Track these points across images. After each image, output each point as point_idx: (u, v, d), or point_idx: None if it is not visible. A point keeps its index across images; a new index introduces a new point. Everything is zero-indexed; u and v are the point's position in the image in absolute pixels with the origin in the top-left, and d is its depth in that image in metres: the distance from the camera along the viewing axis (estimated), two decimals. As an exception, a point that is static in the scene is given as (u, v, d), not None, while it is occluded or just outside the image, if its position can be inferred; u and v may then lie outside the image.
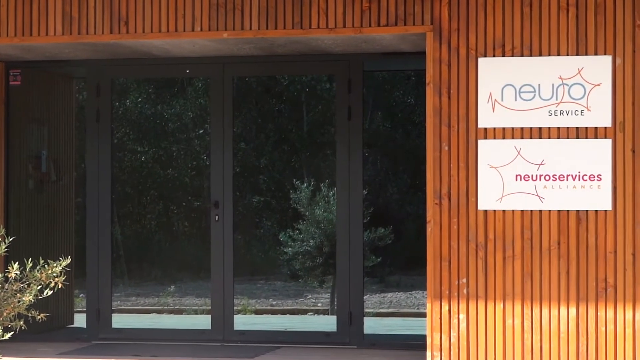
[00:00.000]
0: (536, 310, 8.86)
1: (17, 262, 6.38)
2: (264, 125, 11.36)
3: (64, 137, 11.92)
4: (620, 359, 8.70)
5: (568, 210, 8.88)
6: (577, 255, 8.82)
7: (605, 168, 8.80)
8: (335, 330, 10.76)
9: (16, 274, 6.38)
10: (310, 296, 11.14)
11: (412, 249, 9.65)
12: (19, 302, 6.48)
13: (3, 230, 6.66)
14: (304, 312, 11.11)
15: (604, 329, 8.74)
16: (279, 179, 11.21)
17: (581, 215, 8.85)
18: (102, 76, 11.47)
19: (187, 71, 11.55)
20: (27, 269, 6.39)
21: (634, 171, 8.75)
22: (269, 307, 11.20)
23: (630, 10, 8.85)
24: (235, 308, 11.05)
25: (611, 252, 8.76)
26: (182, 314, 11.54)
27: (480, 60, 9.06)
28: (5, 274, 6.41)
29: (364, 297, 10.60)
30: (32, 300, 6.44)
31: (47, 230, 11.18)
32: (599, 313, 8.75)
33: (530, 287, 8.88)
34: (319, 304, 11.01)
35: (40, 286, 6.46)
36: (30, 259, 6.36)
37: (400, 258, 10.65)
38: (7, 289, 6.46)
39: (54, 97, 11.84)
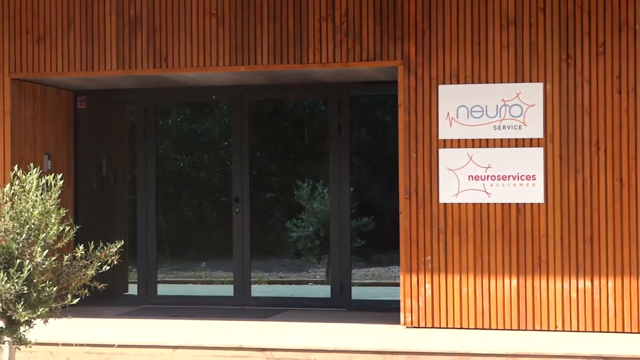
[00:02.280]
0: (485, 281, 8.91)
1: (82, 244, 6.47)
2: (273, 139, 11.57)
3: (119, 149, 11.92)
4: (551, 319, 8.75)
5: (510, 203, 8.92)
6: (517, 238, 8.88)
7: (538, 170, 8.84)
8: (329, 296, 10.83)
9: (81, 253, 6.45)
10: (310, 270, 11.31)
11: (389, 233, 9.75)
12: (84, 275, 6.52)
13: (71, 219, 6.70)
14: (306, 282, 11.27)
15: (538, 295, 8.79)
16: (285, 180, 11.40)
17: (520, 207, 8.90)
18: (148, 101, 11.46)
19: (214, 97, 11.53)
20: (90, 250, 6.49)
21: (561, 173, 8.80)
22: (278, 279, 11.34)
23: (557, 47, 8.84)
24: (252, 279, 11.06)
25: (544, 235, 8.82)
26: (211, 284, 11.61)
27: (440, 87, 9.10)
28: (73, 253, 6.46)
29: (352, 271, 10.69)
30: (94, 274, 6.53)
31: (106, 219, 11.20)
32: (534, 283, 8.80)
33: (480, 263, 8.92)
34: (317, 276, 11.17)
35: (100, 263, 6.53)
36: (92, 242, 6.51)
37: (380, 240, 10.79)
38: (74, 265, 6.51)
39: (111, 117, 11.87)
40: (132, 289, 11.53)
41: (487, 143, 8.94)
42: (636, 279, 8.48)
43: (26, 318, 6.23)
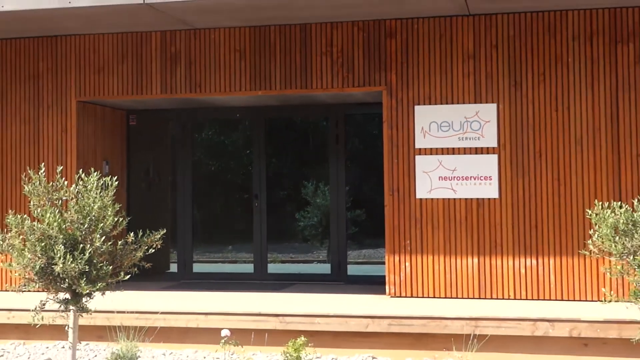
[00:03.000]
0: (452, 260, 8.97)
1: (132, 232, 6.59)
2: (285, 148, 11.61)
3: (163, 156, 11.88)
4: (505, 290, 8.80)
5: (471, 198, 8.97)
6: (477, 226, 8.94)
7: (493, 172, 8.90)
8: (329, 273, 10.77)
9: (132, 239, 6.58)
10: (314, 252, 11.31)
11: (376, 223, 9.73)
12: (134, 256, 6.62)
13: (124, 212, 6.89)
14: (311, 261, 11.34)
15: (495, 271, 8.86)
16: (294, 180, 11.45)
17: (479, 201, 8.95)
18: (186, 119, 11.46)
19: (237, 115, 11.42)
20: (139, 236, 6.60)
21: (511, 174, 8.88)
22: (289, 259, 11.39)
23: (507, 76, 8.92)
24: (268, 259, 11.03)
25: (498, 224, 8.89)
26: (236, 263, 11.68)
27: (416, 107, 9.16)
28: (125, 239, 6.59)
29: (347, 252, 10.65)
30: (142, 255, 6.61)
31: (152, 212, 11.13)
32: (491, 262, 8.86)
33: (448, 246, 8.98)
34: (320, 257, 11.19)
35: (147, 247, 6.62)
36: (140, 230, 6.62)
37: (369, 228, 10.78)
38: (126, 248, 6.60)
39: (156, 131, 11.80)
40: (173, 268, 11.50)
41: (453, 151, 8.99)
42: (572, 258, 8.56)
43: (87, 291, 6.31)
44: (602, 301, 5.68)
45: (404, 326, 7.58)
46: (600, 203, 5.76)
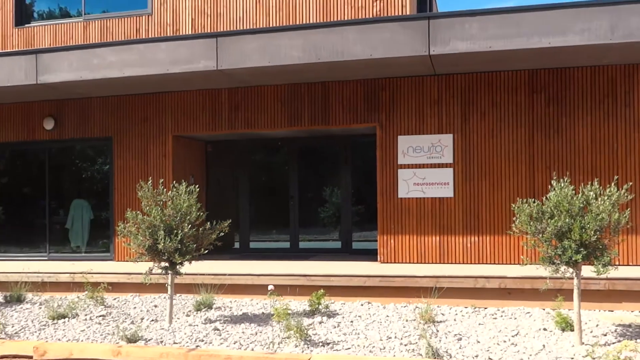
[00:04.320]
0: (422, 238, 9.06)
1: (209, 221, 6.70)
2: (311, 164, 11.48)
3: (229, 171, 11.65)
4: (457, 257, 8.91)
5: (435, 197, 9.08)
6: (439, 215, 9.05)
7: (450, 180, 9.02)
8: (340, 247, 10.80)
9: (209, 226, 6.68)
10: (330, 234, 11.14)
11: (371, 214, 9.75)
12: (210, 238, 6.73)
13: (204, 209, 6.86)
14: (328, 240, 11.14)
15: (452, 245, 8.97)
16: (317, 186, 11.30)
17: (441, 199, 9.06)
18: (244, 146, 11.47)
19: (279, 143, 11.47)
20: (214, 224, 6.71)
21: (462, 181, 8.98)
22: (313, 238, 11.20)
23: (459, 115, 9.02)
24: (299, 239, 11.07)
25: (453, 214, 9.01)
26: (277, 242, 11.47)
27: (399, 137, 9.26)
28: (204, 226, 6.65)
29: (352, 233, 10.74)
30: (216, 237, 6.74)
31: (223, 208, 10.74)
32: (448, 239, 8.98)
33: (420, 229, 9.07)
34: (334, 237, 11.04)
35: (219, 231, 6.72)
36: (215, 220, 6.74)
37: (367, 217, 10.55)
38: (205, 232, 6.70)
39: (225, 155, 11.70)
40: (236, 245, 11.39)
41: (423, 166, 9.07)
42: (501, 236, 8.66)
43: (179, 261, 6.54)
44: (520, 264, 5.78)
45: (389, 282, 7.71)
46: (520, 199, 5.84)
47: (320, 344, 5.73)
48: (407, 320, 6.60)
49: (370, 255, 9.83)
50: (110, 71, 8.93)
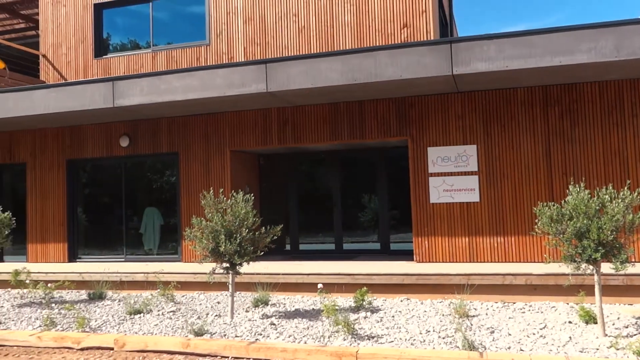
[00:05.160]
0: (453, 239, 8.85)
1: (264, 226, 6.66)
2: (351, 174, 11.23)
3: (280, 181, 11.61)
4: (486, 256, 8.65)
5: (463, 202, 8.86)
6: (467, 218, 8.83)
7: (476, 186, 8.80)
8: (379, 248, 10.60)
9: (264, 230, 6.63)
10: (370, 236, 10.87)
11: (406, 218, 9.57)
12: (265, 241, 6.68)
13: (259, 215, 6.78)
14: (368, 242, 10.87)
15: (480, 245, 8.72)
16: (357, 193, 11.04)
17: (469, 204, 8.85)
18: (292, 159, 11.42)
19: (322, 155, 11.38)
20: (268, 229, 6.62)
21: (486, 187, 8.75)
22: (355, 241, 10.94)
23: (482, 128, 8.79)
24: (343, 241, 10.90)
25: (479, 217, 8.77)
26: (323, 244, 11.21)
27: (429, 148, 9.09)
28: (260, 231, 6.59)
29: (390, 236, 10.58)
30: (270, 240, 6.69)
31: (275, 214, 10.97)
32: (477, 239, 8.72)
33: (450, 231, 8.86)
34: (373, 239, 10.78)
35: (272, 235, 6.66)
36: (268, 225, 6.68)
37: (403, 221, 10.30)
38: (261, 236, 6.63)
39: (276, 167, 11.67)
40: (287, 247, 11.30)
41: (451, 174, 8.89)
42: (525, 237, 8.42)
43: (239, 262, 6.50)
44: (544, 262, 5.63)
45: (425, 279, 7.57)
46: (541, 203, 5.71)
47: (366, 337, 5.62)
48: (443, 315, 6.44)
49: (406, 255, 9.68)
50: (176, 95, 9.02)
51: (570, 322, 5.91)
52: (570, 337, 5.34)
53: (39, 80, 12.02)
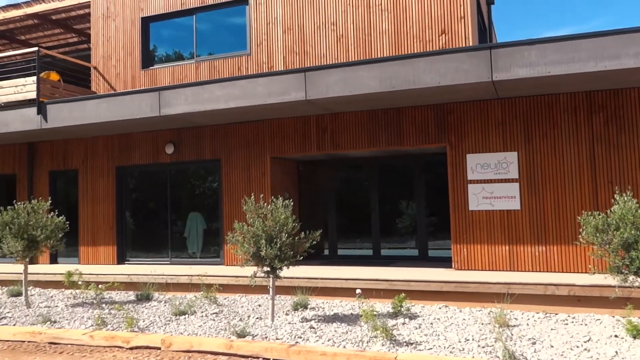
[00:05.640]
0: (493, 247, 8.65)
1: (303, 231, 6.65)
2: (388, 180, 11.05)
3: (318, 187, 11.57)
4: (527, 265, 8.42)
5: (503, 210, 8.64)
6: (507, 226, 8.61)
7: (516, 193, 8.58)
8: (417, 255, 10.40)
9: (303, 235, 6.63)
10: (407, 242, 10.66)
11: (444, 224, 9.38)
12: (304, 246, 6.67)
13: (298, 220, 6.73)
14: (405, 248, 10.67)
15: (521, 254, 8.47)
16: (395, 199, 10.83)
17: (509, 212, 8.63)
18: (330, 165, 11.39)
19: (360, 162, 11.24)
20: (307, 234, 6.62)
21: (527, 194, 8.51)
22: (393, 247, 10.77)
23: (522, 135, 8.58)
24: (380, 247, 10.75)
25: (520, 225, 8.54)
26: (361, 249, 11.09)
27: (468, 155, 8.93)
28: (299, 236, 6.62)
29: (428, 242, 10.36)
30: (309, 245, 6.67)
31: (314, 219, 11.00)
32: (518, 248, 8.50)
33: (490, 239, 8.66)
34: (411, 245, 10.58)
35: (311, 240, 6.65)
36: (307, 230, 6.64)
37: (441, 227, 10.06)
38: (300, 241, 6.63)
39: (314, 173, 11.62)
40: (326, 252, 11.21)
41: (491, 181, 8.70)
42: (568, 246, 8.14)
43: (279, 266, 6.53)
44: (588, 273, 5.43)
45: (464, 287, 7.41)
46: (585, 212, 5.52)
47: (404, 343, 5.54)
48: (482, 324, 6.28)
49: (445, 262, 9.51)
50: (218, 104, 9.14)
51: (616, 336, 5.65)
52: (616, 352, 5.11)
53: (91, 91, 12.40)
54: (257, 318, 7.01)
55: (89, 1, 12.75)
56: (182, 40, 11.97)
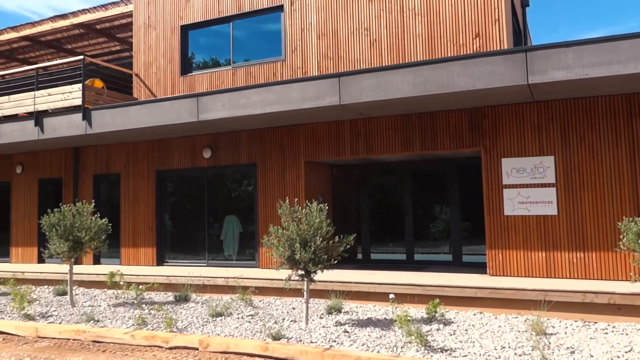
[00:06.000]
0: (529, 253, 8.43)
1: (337, 236, 6.57)
2: (422, 184, 10.85)
3: (352, 191, 11.54)
4: (565, 271, 8.18)
5: (540, 215, 8.41)
6: (544, 232, 8.37)
7: (553, 198, 8.34)
8: (451, 260, 10.17)
9: (337, 239, 6.57)
10: (441, 247, 10.47)
11: (478, 229, 9.19)
12: (338, 250, 6.61)
13: (332, 224, 6.70)
14: (439, 253, 10.50)
15: (558, 260, 8.25)
16: (428, 204, 10.64)
17: (545, 217, 8.40)
18: (364, 169, 11.32)
19: (394, 166, 11.13)
20: (341, 238, 6.56)
21: (565, 199, 8.27)
22: (426, 251, 10.59)
23: (560, 138, 8.35)
24: (414, 251, 10.60)
25: (557, 231, 8.30)
26: (394, 254, 10.93)
27: (503, 159, 8.74)
28: (334, 240, 6.54)
29: (462, 247, 10.14)
30: (343, 249, 6.61)
31: (347, 223, 10.94)
32: (554, 254, 8.26)
33: (526, 244, 8.44)
34: (444, 250, 10.40)
35: (345, 244, 6.59)
36: (341, 234, 6.59)
37: (475, 232, 9.84)
38: (334, 245, 6.56)
39: (347, 177, 11.56)
40: (359, 256, 11.06)
41: (527, 186, 8.48)
42: (608, 253, 7.87)
43: (313, 270, 6.50)
44: (630, 281, 5.22)
45: (499, 294, 7.23)
46: (626, 218, 5.31)
47: (439, 350, 5.44)
48: (519, 331, 6.11)
49: (479, 268, 9.32)
50: (254, 109, 9.21)
51: (658, 345, 5.43)
52: (659, 361, 4.90)
53: (132, 97, 12.69)
54: (292, 321, 7.01)
55: (131, 11, 13.09)
56: (219, 47, 12.12)
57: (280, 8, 11.26)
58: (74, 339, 6.81)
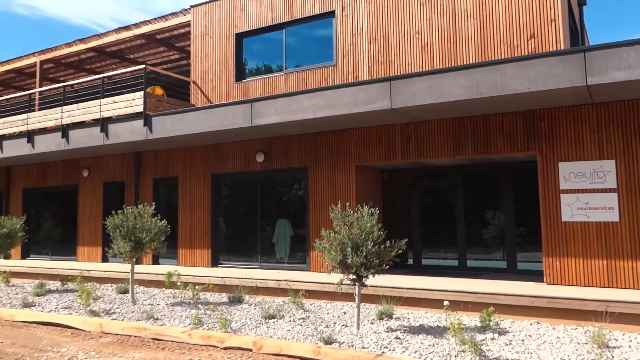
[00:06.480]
0: (588, 261, 8.04)
1: (388, 240, 6.41)
2: (473, 189, 10.54)
3: (402, 195, 11.34)
4: (627, 281, 7.71)
5: (600, 222, 8.01)
6: (605, 240, 7.97)
7: (615, 204, 7.92)
8: (505, 267, 9.77)
9: (389, 244, 6.46)
10: (494, 254, 10.08)
11: (534, 235, 8.84)
12: (390, 255, 6.49)
13: (382, 228, 6.54)
14: (491, 260, 10.10)
15: (619, 268, 7.81)
16: (480, 209, 10.27)
17: (606, 224, 7.98)
18: (414, 173, 11.04)
19: (445, 170, 10.87)
20: (392, 243, 6.44)
21: (627, 205, 7.83)
22: (479, 258, 10.22)
23: (621, 141, 7.88)
24: (467, 258, 10.24)
25: (619, 238, 7.87)
26: (445, 259, 10.56)
27: (560, 163, 8.39)
28: (385, 245, 6.40)
29: (516, 254, 9.72)
30: (394, 254, 6.48)
31: (398, 227, 10.79)
32: (616, 262, 7.83)
33: (586, 252, 8.05)
34: (498, 257, 9.99)
35: (397, 249, 6.46)
36: (393, 239, 6.42)
37: (530, 239, 9.44)
38: (386, 250, 6.45)
39: (398, 181, 11.35)
40: (410, 261, 10.78)
41: (586, 191, 8.10)
42: (676, 261, 7.38)
43: (365, 274, 6.43)
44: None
45: (557, 303, 6.89)
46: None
47: (494, 360, 5.24)
48: (579, 343, 5.79)
49: (535, 275, 8.94)
50: (306, 114, 9.25)
51: None
52: None
53: (190, 103, 13.00)
54: (343, 325, 6.93)
55: (189, 20, 13.43)
56: (272, 54, 12.24)
57: (331, 14, 11.25)
58: (135, 336, 6.99)
